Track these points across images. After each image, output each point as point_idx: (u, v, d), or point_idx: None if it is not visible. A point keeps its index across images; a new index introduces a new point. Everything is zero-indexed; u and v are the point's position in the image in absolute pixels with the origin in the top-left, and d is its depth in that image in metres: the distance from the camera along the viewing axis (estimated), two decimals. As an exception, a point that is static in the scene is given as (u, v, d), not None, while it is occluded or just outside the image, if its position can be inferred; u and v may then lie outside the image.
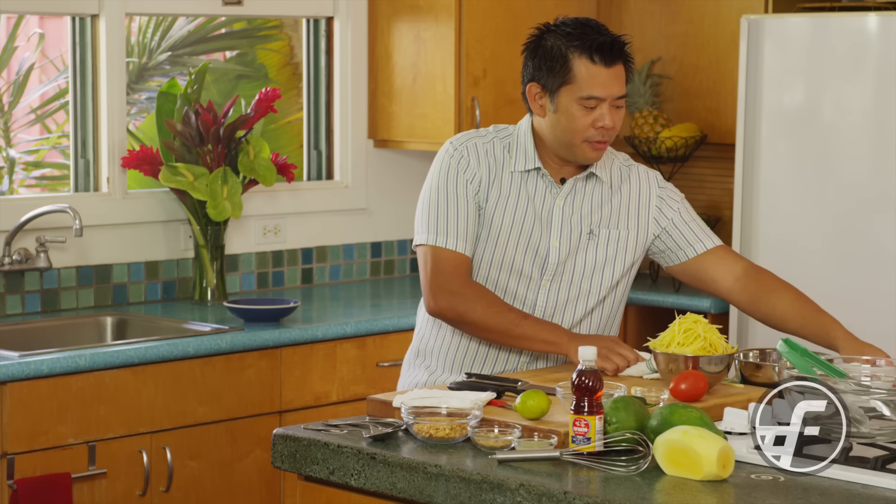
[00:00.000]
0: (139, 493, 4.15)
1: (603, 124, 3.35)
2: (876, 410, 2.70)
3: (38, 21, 5.85)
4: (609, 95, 3.35)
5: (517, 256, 3.43)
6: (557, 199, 3.45)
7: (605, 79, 3.34)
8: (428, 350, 3.54)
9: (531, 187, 3.45)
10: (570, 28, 3.37)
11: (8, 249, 4.58)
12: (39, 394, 3.96)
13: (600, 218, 3.47)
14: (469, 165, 3.43)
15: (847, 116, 4.67)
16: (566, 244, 3.44)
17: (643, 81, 5.47)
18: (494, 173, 3.44)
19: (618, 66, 3.36)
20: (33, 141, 6.04)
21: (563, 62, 3.34)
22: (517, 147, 3.46)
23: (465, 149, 3.45)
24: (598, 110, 3.35)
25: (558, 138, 3.40)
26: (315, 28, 5.42)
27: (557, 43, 3.36)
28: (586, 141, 3.37)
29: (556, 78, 3.36)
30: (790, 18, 4.81)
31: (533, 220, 3.43)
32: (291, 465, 2.97)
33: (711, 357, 3.15)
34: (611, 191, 3.50)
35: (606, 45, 3.33)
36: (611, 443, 2.75)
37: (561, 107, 3.36)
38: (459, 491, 2.70)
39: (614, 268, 3.49)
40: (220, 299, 4.86)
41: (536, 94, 3.40)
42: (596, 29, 3.36)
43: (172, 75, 5.46)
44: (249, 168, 4.84)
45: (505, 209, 3.43)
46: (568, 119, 3.36)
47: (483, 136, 3.49)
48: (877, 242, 4.61)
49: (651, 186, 3.55)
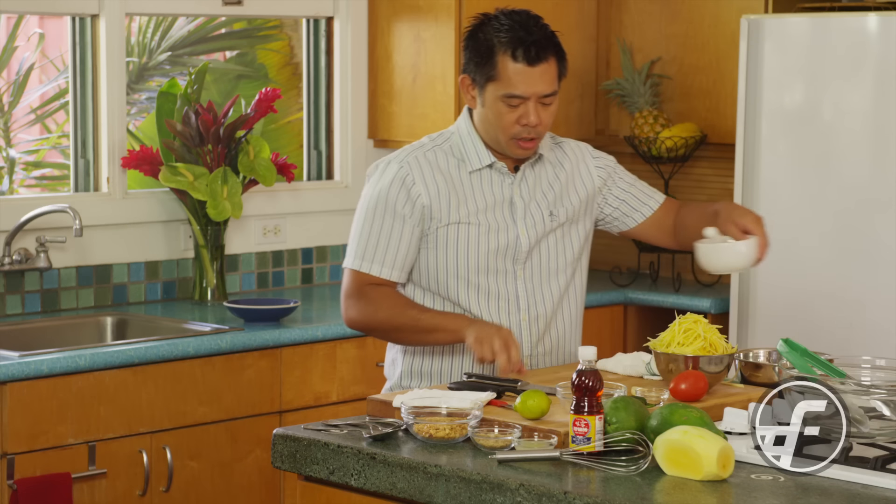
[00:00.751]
0: (139, 493, 4.15)
1: (527, 122, 3.34)
2: (876, 410, 2.70)
3: (38, 21, 5.85)
4: (533, 94, 3.33)
5: (489, 254, 3.43)
6: (514, 188, 3.46)
7: (529, 77, 3.32)
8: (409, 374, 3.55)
9: (486, 183, 3.45)
10: (500, 21, 3.35)
11: (8, 249, 4.58)
12: (39, 394, 3.96)
13: (554, 197, 3.50)
14: (415, 183, 3.40)
15: (847, 116, 4.67)
16: (533, 230, 3.46)
17: (643, 81, 5.46)
18: (445, 182, 3.42)
19: (544, 64, 3.33)
20: (33, 141, 6.04)
21: (489, 58, 3.33)
22: (464, 148, 3.45)
23: (407, 165, 3.42)
24: (523, 108, 3.34)
25: (488, 132, 3.41)
26: (315, 28, 5.41)
27: (489, 36, 3.34)
28: (513, 138, 3.37)
29: (483, 73, 3.35)
30: (790, 18, 4.81)
31: (495, 214, 3.44)
32: (291, 465, 2.97)
33: (711, 357, 3.15)
34: (555, 169, 3.53)
35: (530, 43, 3.31)
36: (611, 443, 2.75)
37: (487, 101, 3.37)
38: (459, 491, 2.70)
39: (573, 242, 3.53)
40: (220, 299, 4.86)
41: (468, 85, 3.41)
42: (525, 26, 3.34)
43: (172, 75, 5.46)
44: (249, 168, 4.84)
45: (469, 212, 3.42)
46: (494, 115, 3.36)
47: (421, 146, 3.47)
48: (877, 242, 4.61)
49: (586, 157, 3.59)
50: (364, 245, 3.42)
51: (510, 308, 3.46)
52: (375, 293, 3.40)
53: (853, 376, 2.88)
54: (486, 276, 3.44)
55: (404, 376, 3.52)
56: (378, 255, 3.40)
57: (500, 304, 3.45)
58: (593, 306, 5.12)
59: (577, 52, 5.57)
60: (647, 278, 5.52)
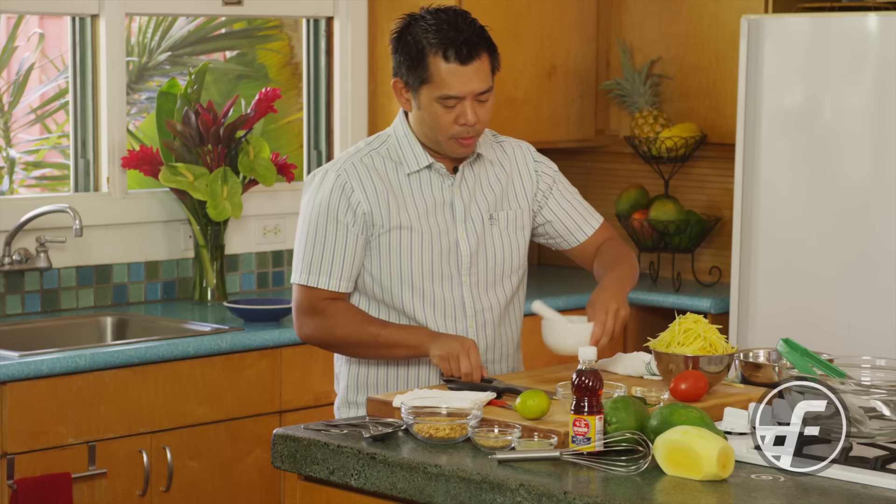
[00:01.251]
0: (139, 493, 4.14)
1: (465, 121, 3.29)
2: (876, 410, 2.70)
3: (38, 21, 5.85)
4: (468, 93, 3.27)
5: (433, 259, 3.37)
6: (454, 190, 3.40)
7: (462, 77, 3.26)
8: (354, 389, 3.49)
9: (426, 186, 3.39)
10: (428, 21, 3.29)
11: (8, 249, 4.58)
12: (39, 394, 3.96)
13: (495, 200, 3.44)
14: (354, 191, 3.34)
15: (847, 116, 4.67)
16: (472, 233, 3.40)
17: (643, 81, 5.46)
18: (384, 187, 3.36)
19: (476, 61, 3.28)
20: (33, 141, 6.04)
21: (420, 60, 3.27)
22: (402, 150, 3.39)
23: (345, 172, 3.35)
24: (459, 107, 3.28)
25: (426, 134, 3.36)
26: (315, 28, 5.41)
27: (417, 38, 3.28)
28: (452, 138, 3.32)
29: (416, 75, 3.29)
30: (790, 18, 4.81)
31: (437, 217, 3.38)
32: (291, 465, 2.97)
33: (711, 357, 3.15)
34: (495, 169, 3.47)
35: (461, 42, 3.25)
36: (611, 443, 2.75)
37: (422, 104, 3.31)
38: (459, 491, 2.70)
39: (518, 246, 3.47)
40: (220, 299, 4.86)
41: (401, 89, 3.35)
42: (453, 24, 3.28)
43: (172, 75, 5.46)
44: (249, 168, 4.84)
45: (409, 216, 3.36)
46: (431, 117, 3.31)
47: (357, 152, 3.40)
48: (877, 242, 4.61)
49: (527, 159, 3.53)
50: (310, 258, 3.35)
51: (457, 315, 3.39)
52: (331, 308, 3.34)
53: (853, 376, 2.88)
54: (431, 283, 3.37)
55: (350, 390, 3.46)
56: (325, 267, 3.34)
57: (446, 310, 3.38)
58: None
59: (577, 52, 5.57)
60: (647, 278, 5.52)
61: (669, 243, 5.44)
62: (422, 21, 3.30)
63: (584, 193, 5.88)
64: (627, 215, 5.53)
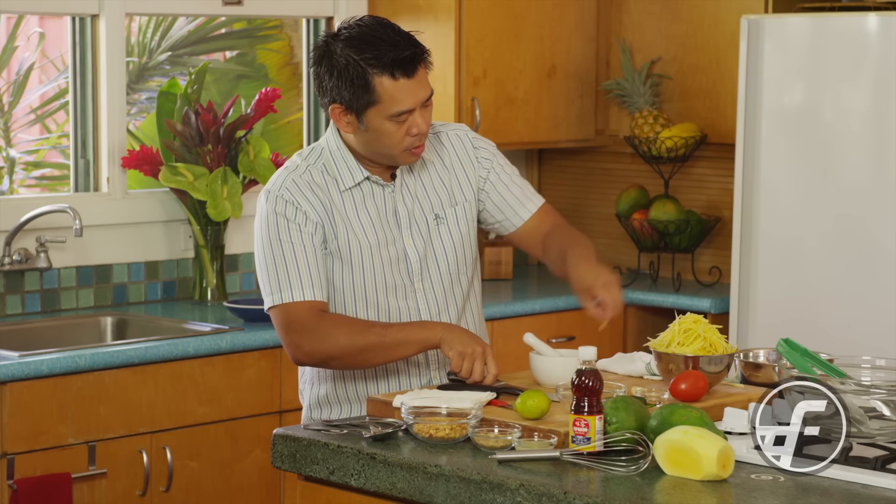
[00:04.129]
0: (139, 493, 4.15)
1: (418, 130, 3.21)
2: (876, 410, 2.70)
3: (38, 21, 5.85)
4: (418, 104, 3.20)
5: (385, 271, 3.30)
6: (396, 196, 3.34)
7: (411, 89, 3.19)
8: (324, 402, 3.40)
9: (367, 197, 3.31)
10: (357, 41, 3.17)
11: (8, 249, 4.58)
12: (39, 394, 3.96)
13: (440, 199, 3.37)
14: (298, 208, 3.26)
15: (847, 117, 4.67)
16: (419, 238, 3.33)
17: (643, 81, 5.46)
18: (327, 201, 3.28)
19: (419, 70, 3.21)
20: (33, 141, 6.04)
21: (363, 83, 3.16)
22: (336, 165, 3.31)
23: (287, 191, 3.27)
24: (410, 119, 3.20)
25: (376, 151, 3.27)
26: (315, 28, 5.41)
27: (351, 60, 3.16)
28: (406, 150, 3.24)
29: (360, 99, 3.18)
30: (790, 18, 4.81)
31: (382, 228, 3.31)
32: (291, 465, 2.97)
33: (711, 357, 3.15)
34: (436, 167, 3.40)
35: (406, 59, 3.17)
36: (611, 443, 2.75)
37: (371, 126, 3.21)
38: (459, 491, 2.70)
39: (470, 242, 3.40)
40: (220, 299, 4.86)
41: (340, 113, 3.23)
42: (387, 39, 3.18)
43: (172, 75, 5.46)
44: (249, 168, 4.84)
45: (354, 231, 3.28)
46: (382, 135, 3.22)
47: (296, 169, 3.31)
48: (877, 242, 4.61)
49: (466, 146, 3.43)
50: (276, 277, 3.24)
51: (411, 318, 3.33)
52: (324, 322, 3.22)
53: (853, 376, 2.88)
54: (385, 295, 3.31)
55: (313, 408, 3.39)
56: (293, 280, 3.23)
57: (402, 321, 3.31)
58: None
59: (577, 52, 5.57)
60: (647, 278, 5.52)
61: (669, 243, 5.44)
62: (348, 41, 3.19)
63: (584, 193, 5.93)
64: (627, 215, 5.53)
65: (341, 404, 3.36)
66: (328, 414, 3.36)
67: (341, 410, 3.36)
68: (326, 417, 3.35)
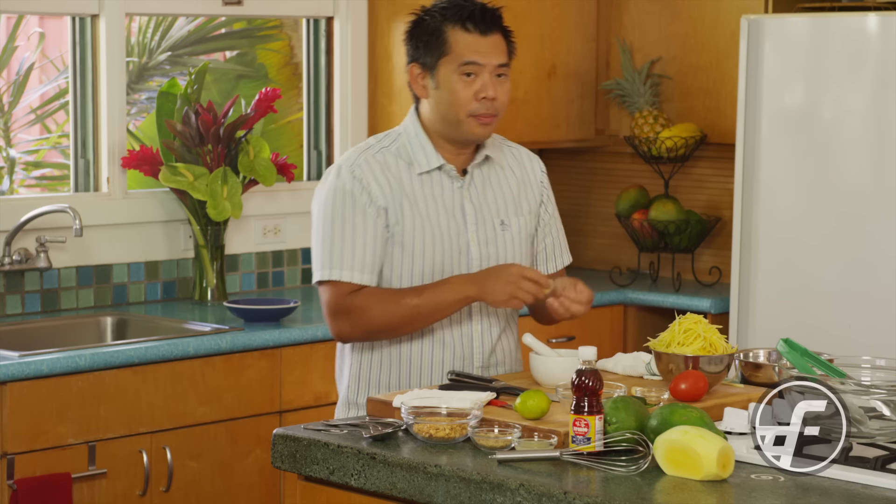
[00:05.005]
0: (139, 493, 4.15)
1: (486, 94, 3.30)
2: (876, 410, 2.70)
3: (38, 21, 5.85)
4: (488, 63, 3.30)
5: (444, 260, 3.35)
6: (464, 192, 3.40)
7: (483, 46, 3.31)
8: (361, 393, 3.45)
9: (437, 187, 3.38)
10: (444, 4, 3.36)
11: (8, 249, 4.58)
12: (39, 394, 3.96)
13: (506, 206, 3.44)
14: (365, 188, 3.32)
15: (847, 116, 4.67)
16: (483, 237, 3.39)
17: (643, 81, 5.46)
18: (397, 185, 3.34)
19: (494, 35, 3.33)
20: (33, 141, 6.04)
21: (438, 35, 3.32)
22: (412, 149, 3.38)
23: (358, 168, 3.34)
24: (479, 80, 3.30)
25: (443, 115, 3.34)
26: (315, 28, 5.41)
27: (433, 17, 3.35)
28: (471, 115, 3.31)
29: (433, 52, 3.33)
30: (790, 18, 4.81)
31: (447, 220, 3.37)
32: (291, 465, 2.97)
33: (711, 357, 3.15)
34: (505, 173, 3.47)
35: (478, 11, 3.31)
36: (611, 443, 2.75)
37: (441, 81, 3.33)
38: (459, 491, 2.70)
39: (529, 254, 3.48)
40: (220, 299, 4.86)
41: (417, 74, 3.37)
42: (469, 3, 3.35)
43: (172, 75, 5.46)
44: (249, 168, 4.84)
45: (420, 216, 3.34)
46: (450, 92, 3.32)
47: (369, 149, 3.39)
48: (877, 242, 4.61)
49: (536, 171, 3.54)
50: (330, 252, 3.31)
51: (461, 317, 3.39)
52: (359, 301, 3.30)
53: (853, 376, 2.88)
54: None
55: (351, 389, 3.44)
56: (346, 259, 3.30)
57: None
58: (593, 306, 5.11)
59: (577, 52, 5.57)
60: (647, 278, 5.52)
61: (669, 243, 5.44)
62: (434, 7, 3.37)
63: (584, 193, 5.93)
64: (627, 215, 5.53)
65: (380, 387, 3.42)
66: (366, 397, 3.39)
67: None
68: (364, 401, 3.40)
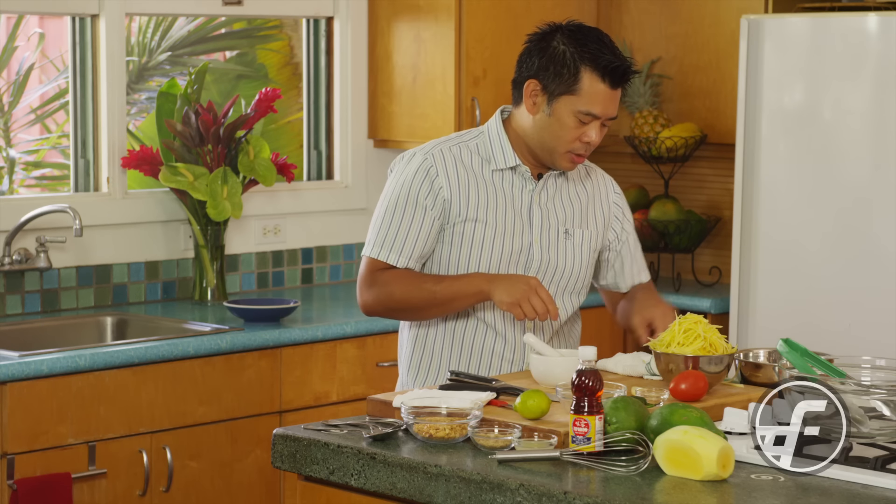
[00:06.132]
0: (139, 493, 4.15)
1: (589, 140, 3.38)
2: (876, 410, 2.70)
3: (38, 21, 5.85)
4: (605, 115, 3.38)
5: (502, 257, 3.44)
6: (534, 196, 3.47)
7: (607, 99, 3.38)
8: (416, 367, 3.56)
9: (507, 186, 3.46)
10: (581, 37, 3.37)
11: (8, 249, 4.58)
12: (39, 394, 3.96)
13: (573, 216, 3.51)
14: (438, 175, 3.42)
15: (847, 116, 4.67)
16: (546, 241, 3.47)
17: (643, 81, 5.46)
18: (467, 178, 3.44)
19: (620, 90, 3.40)
20: (33, 141, 6.04)
21: (572, 72, 3.35)
22: (492, 147, 3.46)
23: (433, 157, 3.44)
24: (591, 127, 3.38)
25: (542, 140, 3.42)
26: (315, 28, 5.42)
27: (569, 50, 3.36)
28: (569, 152, 3.40)
29: (561, 84, 3.36)
30: (790, 18, 4.81)
31: (514, 218, 3.45)
32: (291, 465, 2.97)
33: (711, 357, 3.15)
34: (576, 187, 3.55)
35: (620, 70, 3.36)
36: (611, 443, 2.75)
37: (556, 113, 3.38)
38: (459, 491, 2.70)
39: (590, 268, 3.55)
40: (220, 299, 4.86)
41: (534, 91, 3.40)
42: (610, 47, 3.37)
43: (172, 75, 5.46)
44: (249, 168, 4.84)
45: (488, 211, 3.43)
46: (560, 127, 3.38)
47: (448, 140, 3.50)
48: (877, 242, 4.61)
49: (609, 190, 3.62)
50: (384, 234, 3.43)
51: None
52: (386, 276, 3.42)
53: (853, 376, 2.88)
54: None
55: (415, 356, 3.54)
56: (396, 244, 3.42)
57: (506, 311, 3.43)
58: (593, 306, 5.11)
59: (577, 52, 5.56)
60: (647, 278, 5.52)
61: (669, 243, 5.44)
62: (572, 34, 3.37)
63: (584, 193, 5.92)
64: (627, 215, 5.52)
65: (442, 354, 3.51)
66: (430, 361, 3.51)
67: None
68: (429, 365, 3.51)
